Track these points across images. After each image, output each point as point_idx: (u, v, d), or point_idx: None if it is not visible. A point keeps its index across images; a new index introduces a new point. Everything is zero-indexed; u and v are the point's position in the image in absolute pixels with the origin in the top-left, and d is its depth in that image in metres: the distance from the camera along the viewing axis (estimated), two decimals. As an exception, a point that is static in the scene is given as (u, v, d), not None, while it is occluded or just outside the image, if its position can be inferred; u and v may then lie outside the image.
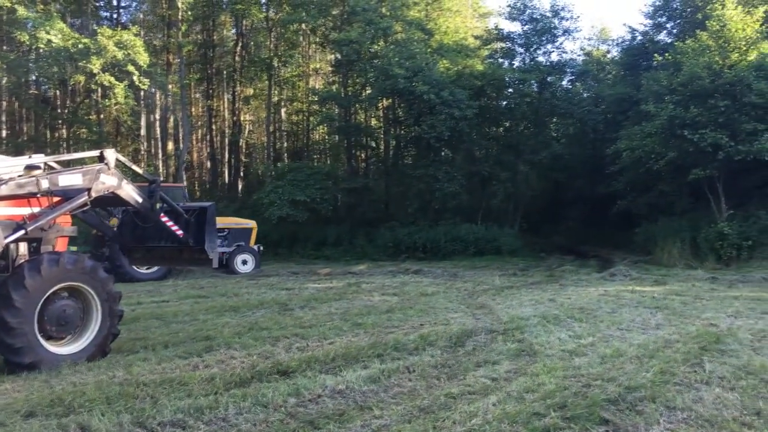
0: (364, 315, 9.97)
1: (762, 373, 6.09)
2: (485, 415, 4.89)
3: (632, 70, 30.01)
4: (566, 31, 30.11)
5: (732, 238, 19.48)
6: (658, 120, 20.41)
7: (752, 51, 19.95)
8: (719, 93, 19.39)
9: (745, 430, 4.57)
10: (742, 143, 18.98)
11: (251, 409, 5.15)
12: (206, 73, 36.59)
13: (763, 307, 10.53)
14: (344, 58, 27.57)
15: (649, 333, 8.31)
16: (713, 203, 21.01)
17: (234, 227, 19.52)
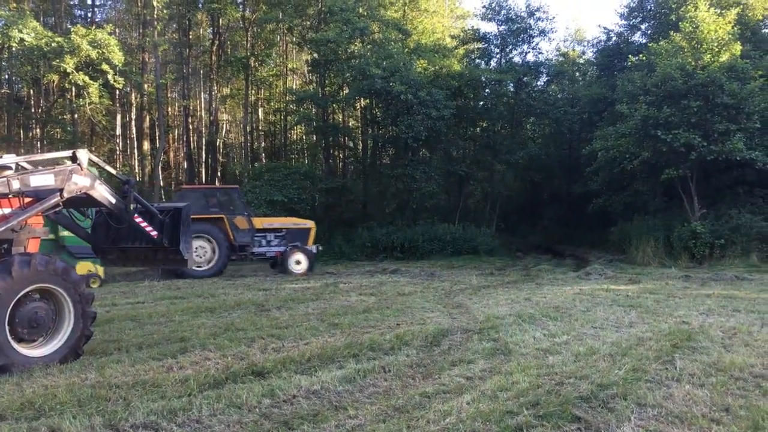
0: (341, 315, 9.96)
1: (731, 369, 6.18)
2: (459, 414, 4.91)
3: (607, 71, 30.38)
4: (542, 31, 30.44)
5: (705, 236, 19.79)
6: (632, 120, 20.66)
7: (724, 52, 20.25)
8: (692, 94, 19.67)
9: (713, 426, 4.64)
10: (714, 143, 19.28)
11: (225, 410, 5.12)
12: (182, 73, 36.32)
13: (735, 305, 10.69)
14: (321, 58, 27.55)
15: (622, 331, 8.40)
16: (686, 202, 21.31)
17: (292, 227, 19.53)
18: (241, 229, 18.49)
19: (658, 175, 21.27)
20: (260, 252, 19.05)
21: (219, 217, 18.24)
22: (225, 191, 19.38)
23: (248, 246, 18.58)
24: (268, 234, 19.16)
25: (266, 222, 19.32)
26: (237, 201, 18.90)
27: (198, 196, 18.81)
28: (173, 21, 35.20)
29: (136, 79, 30.37)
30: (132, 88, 32.07)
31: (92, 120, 32.85)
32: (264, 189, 25.47)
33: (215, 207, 18.53)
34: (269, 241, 19.16)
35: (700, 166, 20.79)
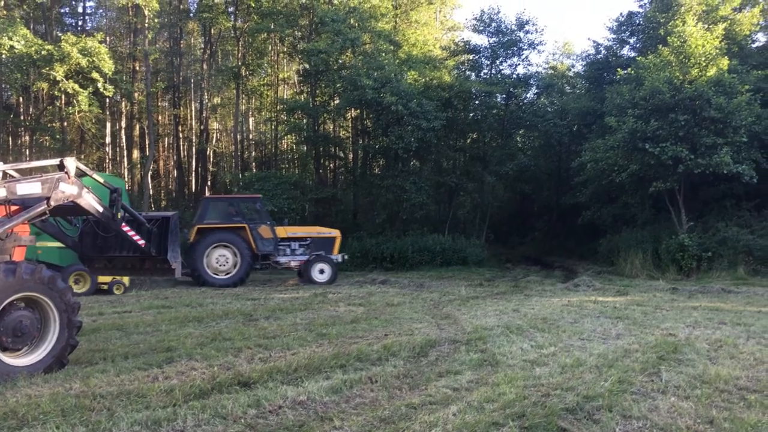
0: (329, 325, 9.95)
1: (716, 382, 6.22)
2: (445, 425, 4.91)
3: (596, 84, 30.53)
4: (531, 44, 30.56)
5: (692, 249, 19.91)
6: (620, 133, 20.77)
7: (711, 67, 20.43)
8: (680, 107, 19.82)
9: (698, 438, 4.67)
10: (702, 156, 19.42)
11: (210, 420, 5.10)
12: (173, 81, 36.29)
13: (721, 318, 10.76)
14: (312, 68, 27.62)
15: (609, 343, 8.43)
16: (674, 215, 21.44)
17: (316, 236, 19.57)
18: (264, 238, 18.55)
19: (647, 187, 21.40)
20: (284, 261, 19.11)
21: (241, 226, 18.32)
22: (248, 201, 19.39)
23: (272, 255, 18.68)
24: (293, 243, 19.23)
25: (291, 231, 19.34)
26: (260, 210, 18.92)
27: (221, 205, 18.98)
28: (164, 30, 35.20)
29: (127, 87, 30.31)
30: (122, 96, 31.99)
31: (81, 128, 32.75)
32: (254, 198, 25.42)
33: (238, 216, 18.60)
34: (294, 250, 19.24)
35: (688, 179, 20.94)
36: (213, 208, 18.78)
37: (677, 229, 21.08)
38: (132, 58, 34.07)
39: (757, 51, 25.77)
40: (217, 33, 36.17)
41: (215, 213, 18.67)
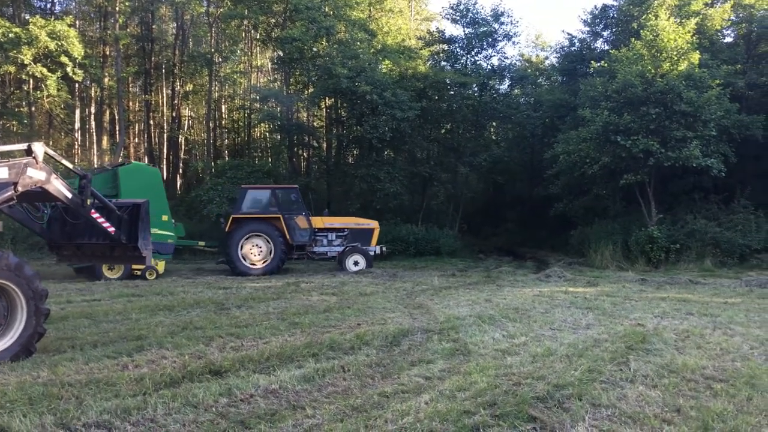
0: (302, 314, 9.92)
1: (684, 371, 6.32)
2: (417, 414, 4.92)
3: (570, 76, 30.75)
4: (506, 35, 30.63)
5: (661, 241, 20.21)
6: (593, 126, 20.96)
7: (683, 61, 20.68)
8: (651, 101, 20.05)
9: (665, 426, 4.73)
10: (672, 150, 19.69)
11: (181, 409, 5.06)
12: (144, 67, 35.74)
13: (688, 308, 10.94)
14: (286, 56, 27.39)
15: (579, 333, 8.53)
16: (644, 207, 21.72)
17: (354, 227, 19.50)
18: (300, 228, 18.54)
19: (618, 180, 21.65)
20: (321, 251, 19.14)
21: (275, 216, 18.32)
22: (284, 191, 19.20)
23: (307, 245, 18.67)
24: (330, 233, 19.21)
25: (328, 221, 19.30)
26: (296, 201, 18.80)
27: (257, 195, 18.89)
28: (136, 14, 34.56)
29: (96, 72, 29.78)
30: (92, 81, 31.43)
31: (50, 113, 32.12)
32: (226, 186, 25.21)
33: (274, 207, 18.56)
34: (330, 240, 19.22)
35: (658, 172, 21.23)
36: (250, 198, 18.72)
37: (647, 221, 21.37)
38: (102, 42, 33.43)
39: (728, 46, 26.13)
40: (190, 18, 35.67)
41: (252, 203, 18.66)
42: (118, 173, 17.05)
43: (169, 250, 17.49)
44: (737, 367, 6.52)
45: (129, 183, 16.72)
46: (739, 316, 10.06)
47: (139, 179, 17.09)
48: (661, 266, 19.95)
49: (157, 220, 16.58)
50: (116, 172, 17.15)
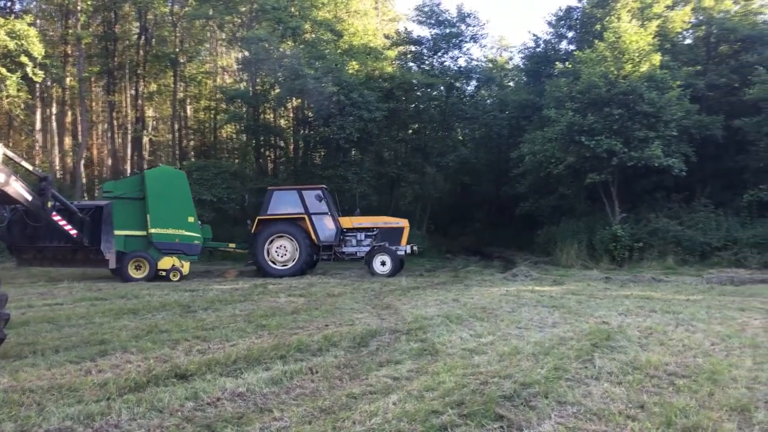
0: (269, 316, 9.85)
1: (647, 368, 6.42)
2: (385, 415, 4.92)
3: (535, 77, 31.07)
4: (473, 37, 30.84)
5: (624, 240, 20.55)
6: (558, 126, 21.22)
7: (645, 62, 21.06)
8: (614, 102, 20.39)
9: (629, 422, 4.79)
10: (634, 150, 20.02)
11: (146, 414, 4.98)
12: (107, 67, 35.15)
13: (651, 306, 11.12)
14: (252, 57, 27.18)
15: (545, 331, 8.61)
16: (608, 207, 22.05)
17: (383, 227, 19.01)
18: (326, 228, 18.33)
19: (583, 179, 21.94)
20: (350, 252, 18.84)
21: (300, 216, 18.15)
22: (310, 191, 18.83)
23: (335, 246, 18.42)
24: (359, 233, 18.89)
25: (357, 221, 18.98)
26: (323, 201, 18.50)
27: (283, 196, 18.68)
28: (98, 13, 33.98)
29: (58, 72, 29.22)
30: (53, 81, 30.84)
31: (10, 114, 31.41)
32: (192, 188, 24.85)
33: (300, 207, 18.37)
34: (360, 240, 18.89)
35: (621, 172, 21.56)
36: (276, 199, 18.53)
37: (611, 220, 21.70)
38: (64, 41, 32.80)
39: (688, 48, 26.67)
40: (154, 18, 35.18)
41: (278, 204, 18.48)
42: (144, 177, 17.24)
43: (195, 251, 17.51)
44: (699, 363, 6.64)
45: (155, 186, 16.91)
46: (700, 312, 10.25)
47: (164, 182, 17.27)
48: (625, 264, 20.27)
49: (183, 222, 16.97)
50: (143, 176, 17.36)
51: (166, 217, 16.82)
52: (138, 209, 16.67)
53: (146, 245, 16.61)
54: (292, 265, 17.98)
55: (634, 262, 20.30)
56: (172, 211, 16.95)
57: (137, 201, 16.72)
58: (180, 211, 17.09)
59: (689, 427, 4.64)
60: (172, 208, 16.97)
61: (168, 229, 16.80)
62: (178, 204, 17.11)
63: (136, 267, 16.33)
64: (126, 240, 16.30)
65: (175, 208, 17.01)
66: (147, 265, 16.38)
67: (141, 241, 16.58)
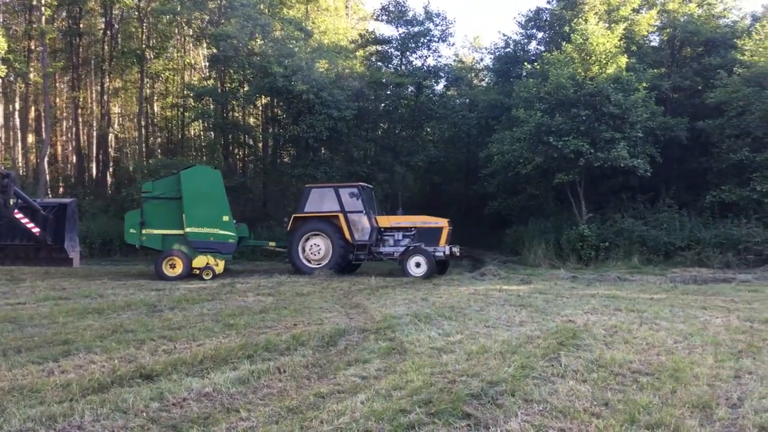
0: (237, 316, 9.78)
1: (612, 365, 6.51)
2: (353, 414, 4.91)
3: (504, 77, 31.28)
4: (441, 36, 30.95)
5: (591, 239, 20.82)
6: (527, 126, 21.41)
7: (611, 64, 21.35)
8: (581, 103, 20.63)
9: (594, 419, 4.85)
10: (601, 150, 20.29)
11: (109, 415, 4.90)
12: (72, 63, 34.57)
13: (616, 304, 11.29)
14: (221, 54, 26.95)
15: (513, 330, 8.68)
16: (575, 207, 22.31)
17: (421, 226, 18.40)
18: (361, 227, 17.98)
19: (550, 179, 22.17)
20: (387, 252, 18.36)
21: (334, 214, 17.85)
22: (346, 189, 18.45)
23: (370, 245, 18.01)
24: (397, 233, 18.44)
25: (395, 220, 18.54)
26: (359, 199, 18.15)
27: (320, 193, 18.39)
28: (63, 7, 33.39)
29: (21, 67, 28.67)
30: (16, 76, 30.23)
31: (-30, 109, 30.75)
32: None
33: (336, 205, 18.05)
34: (397, 240, 18.43)
35: (588, 172, 21.83)
36: (313, 197, 18.27)
37: (578, 220, 21.97)
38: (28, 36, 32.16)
39: (653, 50, 27.11)
40: (120, 13, 34.70)
41: (314, 201, 18.22)
42: (180, 176, 17.29)
43: (230, 250, 17.53)
44: (662, 361, 6.75)
45: (190, 185, 17.10)
46: (664, 311, 10.43)
47: (200, 181, 17.38)
48: (591, 264, 20.53)
49: (218, 221, 17.06)
50: (179, 176, 17.37)
51: (201, 216, 17.07)
52: (175, 209, 17.04)
53: (182, 243, 16.96)
54: (324, 264, 17.75)
55: (601, 262, 20.58)
56: (206, 210, 17.17)
57: (175, 201, 17.08)
58: (215, 209, 17.28)
59: (652, 424, 4.72)
60: (206, 207, 17.18)
61: (203, 228, 17.04)
62: (213, 203, 17.31)
63: (170, 266, 16.65)
64: (164, 239, 16.99)
65: (210, 207, 17.22)
66: (181, 264, 16.62)
67: (178, 240, 17.02)
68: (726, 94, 21.71)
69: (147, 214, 17.18)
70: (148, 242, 17.20)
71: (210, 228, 17.06)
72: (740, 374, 6.27)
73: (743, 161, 21.23)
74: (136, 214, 17.40)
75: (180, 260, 16.64)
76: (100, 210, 28.06)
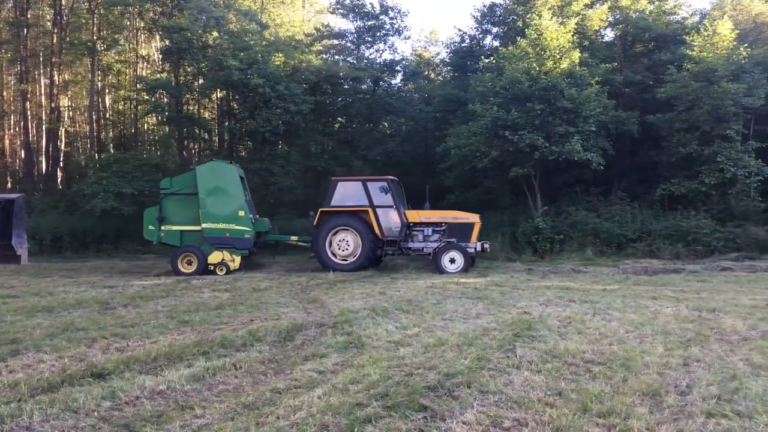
0: (192, 312, 9.65)
1: (565, 356, 6.62)
2: (309, 409, 4.90)
3: (461, 72, 31.44)
4: (397, 30, 30.99)
5: (546, 232, 21.12)
6: (483, 120, 21.57)
7: (565, 59, 21.64)
8: (536, 97, 20.88)
9: (547, 409, 4.93)
10: (555, 144, 20.57)
11: (59, 415, 4.79)
12: (19, 54, 33.57)
13: (570, 296, 11.49)
14: (175, 46, 26.48)
15: (469, 322, 8.76)
16: (530, 200, 22.60)
17: (452, 222, 17.94)
18: (391, 222, 17.59)
19: (506, 173, 22.40)
20: (417, 247, 17.95)
21: (364, 209, 17.41)
22: (375, 183, 17.99)
23: (401, 241, 17.62)
24: (426, 228, 18.05)
25: (424, 215, 18.09)
26: (389, 193, 17.72)
27: (347, 187, 17.89)
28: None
29: (-36, 59, 27.74)
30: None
31: None
32: (112, 180, 24.16)
33: (364, 199, 17.61)
34: (427, 236, 18.05)
35: (543, 166, 22.13)
36: (340, 190, 17.78)
37: (533, 213, 22.25)
38: (-29, 27, 31.16)
39: (606, 45, 27.58)
40: (69, 4, 33.80)
41: (342, 195, 17.75)
42: (196, 172, 17.33)
43: (246, 245, 17.34)
44: (614, 351, 6.89)
45: (206, 180, 17.13)
46: (616, 302, 10.65)
47: (215, 176, 17.34)
48: (547, 256, 20.82)
49: (234, 216, 17.00)
50: (195, 171, 17.41)
51: (216, 212, 17.07)
52: (193, 205, 17.10)
53: (200, 240, 17.12)
54: (353, 261, 17.41)
55: (555, 254, 20.89)
56: (222, 206, 17.15)
57: (193, 197, 17.14)
58: (230, 205, 17.23)
59: (604, 412, 4.81)
60: (222, 203, 17.16)
61: (219, 224, 17.04)
62: (229, 198, 17.27)
63: (187, 262, 16.81)
64: (182, 235, 17.24)
65: (226, 202, 17.18)
66: (196, 260, 16.73)
67: (196, 237, 17.20)
68: (675, 89, 22.22)
69: (166, 210, 17.33)
70: (167, 238, 17.43)
71: (226, 223, 17.10)
72: (689, 362, 6.44)
73: (692, 155, 21.78)
74: (155, 210, 17.56)
75: (196, 256, 16.78)
76: (49, 206, 27.36)
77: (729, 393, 5.34)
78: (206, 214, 17.06)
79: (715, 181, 21.29)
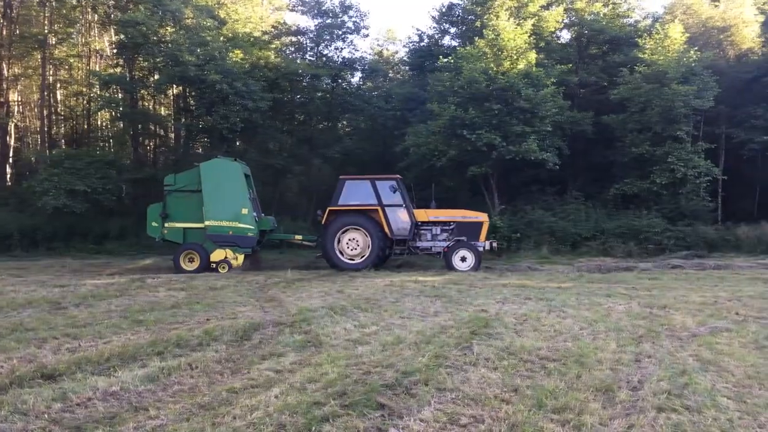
0: (147, 311, 9.48)
1: (521, 353, 6.71)
2: (266, 408, 4.85)
3: (419, 71, 31.58)
4: (356, 28, 30.95)
5: (503, 230, 21.35)
6: (441, 119, 21.72)
7: (522, 60, 21.92)
8: (493, 97, 21.11)
9: (503, 405, 4.98)
10: (512, 144, 20.84)
11: (8, 417, 4.65)
12: (-34, 47, 32.50)
13: (527, 294, 11.64)
14: (129, 41, 25.96)
15: (427, 320, 8.81)
16: (488, 198, 22.84)
17: (461, 221, 17.72)
18: (400, 221, 17.32)
19: (464, 172, 22.60)
20: (425, 247, 17.71)
21: (374, 208, 17.13)
22: (386, 181, 17.68)
23: (409, 240, 17.37)
24: (435, 227, 17.78)
25: (432, 214, 17.79)
26: (397, 192, 17.48)
27: (355, 186, 17.56)
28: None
29: None
30: None
31: None
32: (63, 178, 23.58)
33: (373, 198, 17.34)
34: (435, 235, 17.77)
35: (500, 165, 22.39)
36: (348, 189, 17.46)
37: (491, 211, 22.47)
38: None
39: (561, 47, 28.01)
40: (19, -5, 32.85)
41: (350, 194, 17.44)
42: (200, 169, 17.13)
43: (249, 244, 17.15)
44: (568, 347, 7.01)
45: (210, 177, 16.98)
46: (571, 299, 10.83)
47: (218, 174, 17.18)
48: (504, 254, 21.07)
49: (237, 214, 16.85)
50: (199, 168, 17.20)
51: (220, 209, 16.92)
52: (197, 202, 16.95)
53: (203, 238, 17.07)
54: (361, 260, 17.20)
55: (512, 252, 21.16)
56: (225, 203, 16.99)
57: (196, 194, 16.99)
58: (234, 203, 17.05)
59: (558, 408, 4.89)
60: (225, 200, 16.98)
61: (222, 221, 16.89)
62: (232, 196, 17.08)
63: (189, 259, 16.87)
64: (186, 232, 17.23)
65: (229, 199, 16.99)
66: (198, 258, 16.75)
67: (199, 234, 17.15)
68: (628, 91, 22.70)
69: (169, 207, 17.21)
70: (170, 235, 17.42)
71: (229, 221, 16.96)
72: (640, 358, 6.58)
73: (644, 155, 22.29)
74: (158, 207, 17.42)
75: (198, 254, 16.80)
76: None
77: (679, 388, 5.46)
78: (209, 212, 16.97)
79: (666, 181, 21.82)
